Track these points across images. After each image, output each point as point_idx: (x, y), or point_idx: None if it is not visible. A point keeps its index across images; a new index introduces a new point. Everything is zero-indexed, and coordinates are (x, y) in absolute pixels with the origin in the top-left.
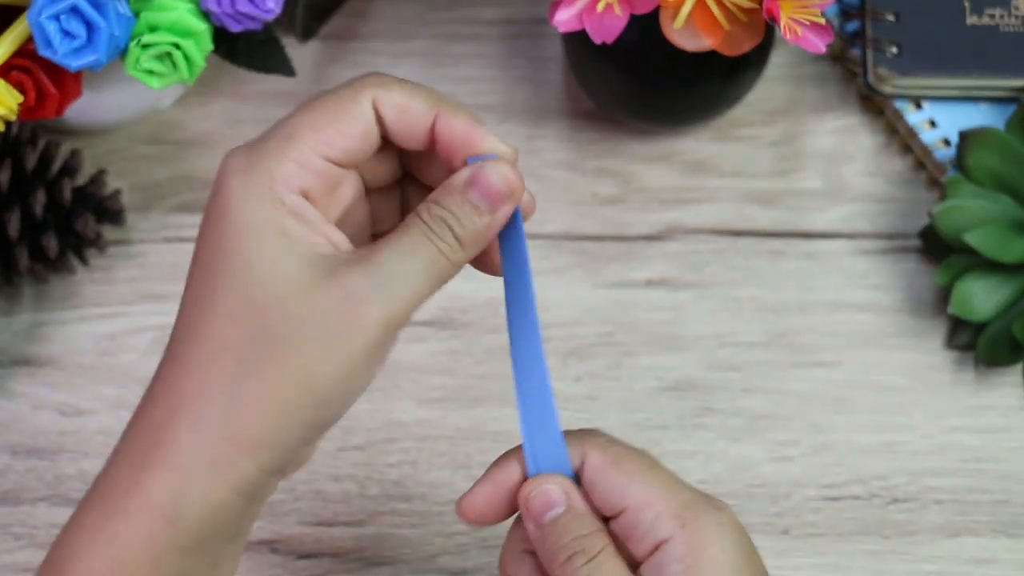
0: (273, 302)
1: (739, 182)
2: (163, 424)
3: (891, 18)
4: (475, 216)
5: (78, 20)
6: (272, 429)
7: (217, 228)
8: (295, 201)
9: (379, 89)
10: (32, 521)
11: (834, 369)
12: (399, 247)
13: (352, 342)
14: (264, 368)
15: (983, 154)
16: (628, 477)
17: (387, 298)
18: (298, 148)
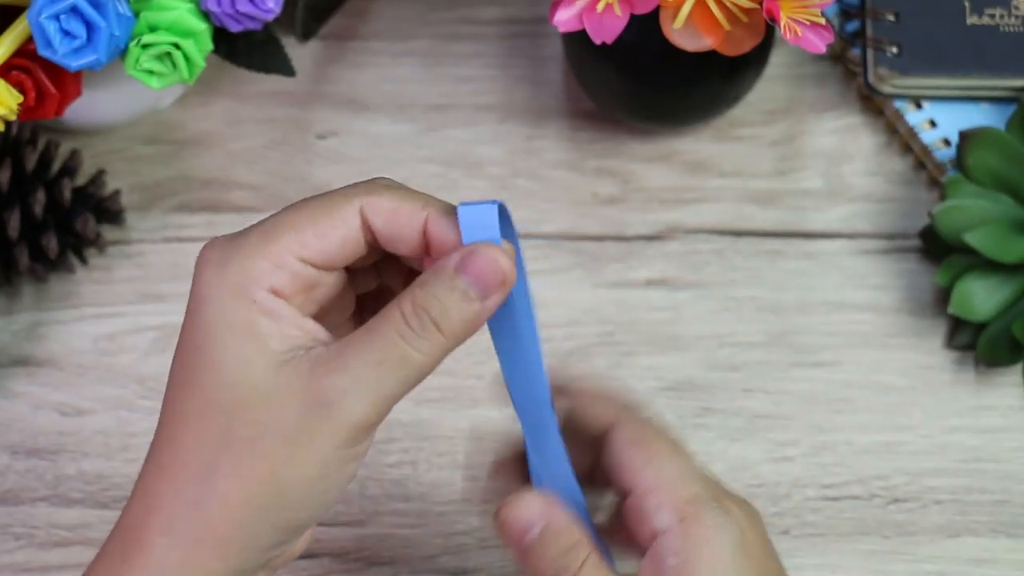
0: (239, 406)
1: (739, 182)
2: (139, 525)
3: (891, 18)
4: (463, 303)
5: (78, 20)
6: (240, 531)
7: (191, 325)
8: (266, 299)
9: (368, 196)
10: (32, 521)
11: (834, 369)
12: (371, 347)
13: (319, 446)
14: (231, 471)
15: (983, 154)
16: (644, 460)
17: (355, 402)
18: (274, 247)
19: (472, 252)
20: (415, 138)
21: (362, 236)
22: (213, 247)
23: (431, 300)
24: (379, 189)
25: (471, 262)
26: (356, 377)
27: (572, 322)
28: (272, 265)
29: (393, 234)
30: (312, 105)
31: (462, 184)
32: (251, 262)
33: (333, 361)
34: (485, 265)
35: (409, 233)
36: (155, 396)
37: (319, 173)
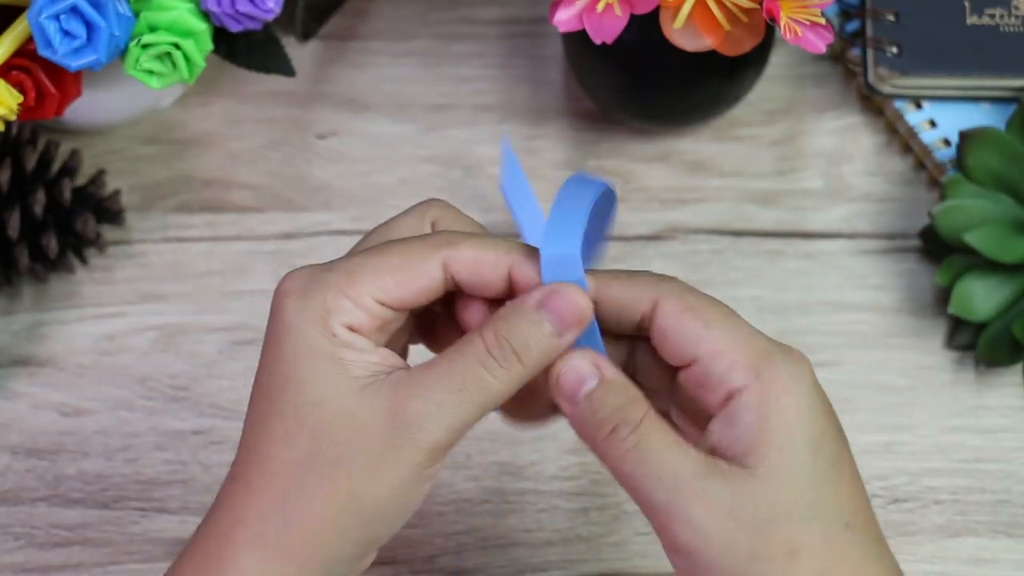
0: (325, 426)
1: (739, 182)
2: (226, 535)
3: (891, 18)
4: (542, 338)
5: (78, 20)
6: (325, 547)
7: (275, 351)
8: (346, 334)
9: (449, 249)
10: (32, 521)
11: (834, 369)
12: (452, 374)
13: (399, 466)
14: (316, 489)
15: (983, 154)
16: (704, 325)
17: (435, 426)
18: (356, 288)
19: (554, 291)
20: (415, 138)
21: (443, 285)
22: (295, 279)
23: (513, 332)
24: (459, 240)
25: (552, 300)
26: (439, 402)
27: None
28: (352, 304)
29: (477, 283)
30: (312, 105)
31: (462, 184)
32: (332, 297)
33: (415, 386)
34: (565, 304)
35: (493, 279)
36: (155, 396)
37: (319, 173)
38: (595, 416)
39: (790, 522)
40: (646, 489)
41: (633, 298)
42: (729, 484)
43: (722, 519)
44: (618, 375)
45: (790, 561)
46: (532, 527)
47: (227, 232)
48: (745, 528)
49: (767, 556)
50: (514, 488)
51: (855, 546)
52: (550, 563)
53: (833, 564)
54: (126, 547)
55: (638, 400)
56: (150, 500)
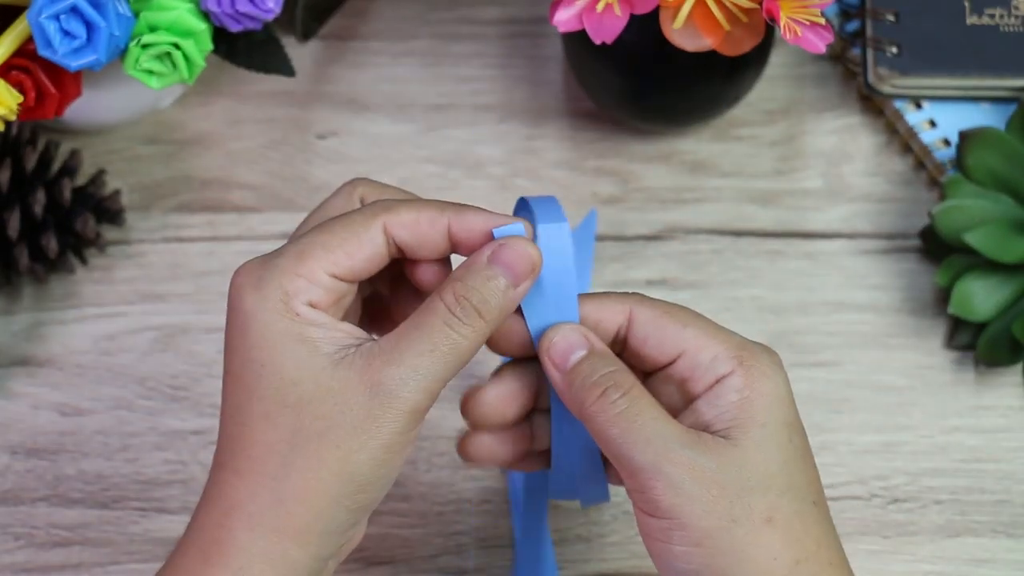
0: (305, 402)
1: (739, 182)
2: (220, 522)
3: (891, 18)
4: (499, 291)
5: (78, 20)
6: (319, 519)
7: (242, 342)
8: (307, 312)
9: (388, 214)
10: (32, 521)
11: (834, 369)
12: (421, 338)
13: (383, 431)
14: (304, 464)
15: (983, 154)
16: (682, 325)
17: (411, 389)
18: (308, 266)
19: (502, 245)
20: (415, 138)
21: (386, 251)
22: (246, 271)
23: (471, 290)
24: (396, 205)
25: (502, 254)
26: (412, 366)
27: None
28: (307, 282)
29: (418, 242)
30: (312, 105)
31: (462, 184)
32: (287, 280)
33: (387, 354)
34: (515, 256)
35: (434, 237)
36: (155, 396)
37: (319, 173)
38: (585, 380)
39: (768, 492)
40: (632, 451)
41: (609, 313)
42: (714, 454)
43: (707, 484)
44: (604, 347)
45: (767, 526)
46: None
47: (227, 232)
48: (728, 494)
49: (746, 520)
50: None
51: (819, 522)
52: None
53: (802, 534)
54: (126, 547)
55: (626, 370)
56: (150, 500)
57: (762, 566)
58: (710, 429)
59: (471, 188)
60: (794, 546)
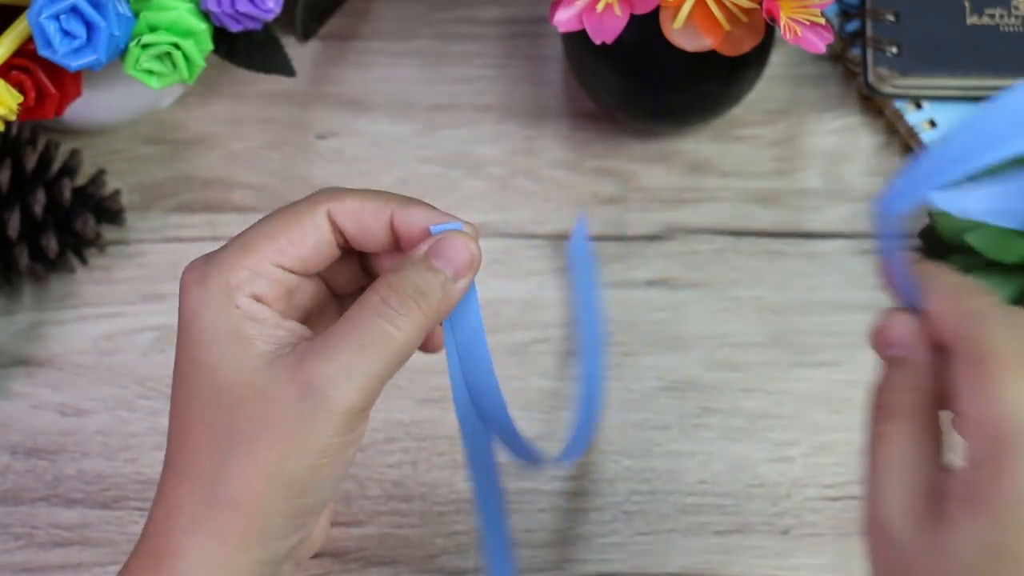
0: (238, 405)
1: (739, 182)
2: (163, 529)
3: (891, 18)
4: (436, 284)
5: (78, 20)
6: (256, 522)
7: (184, 340)
8: (249, 304)
9: (332, 201)
10: (32, 521)
11: (834, 369)
12: (353, 334)
13: (317, 433)
14: (239, 465)
15: None
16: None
17: (344, 387)
18: (252, 256)
19: (442, 239)
20: (415, 138)
21: (333, 239)
22: (192, 268)
23: (406, 282)
24: (341, 193)
25: (441, 247)
26: (343, 363)
27: (572, 322)
28: (251, 273)
29: (361, 232)
30: (312, 105)
31: (462, 184)
32: (231, 272)
33: (319, 351)
34: (454, 250)
35: (377, 228)
36: (155, 396)
37: (319, 173)
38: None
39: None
40: None
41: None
42: None
43: None
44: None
45: None
46: (532, 527)
47: (227, 232)
48: None
49: None
50: (514, 488)
51: None
52: (550, 563)
53: None
54: (126, 547)
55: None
56: (150, 500)
57: None
58: None
59: (471, 188)
60: None
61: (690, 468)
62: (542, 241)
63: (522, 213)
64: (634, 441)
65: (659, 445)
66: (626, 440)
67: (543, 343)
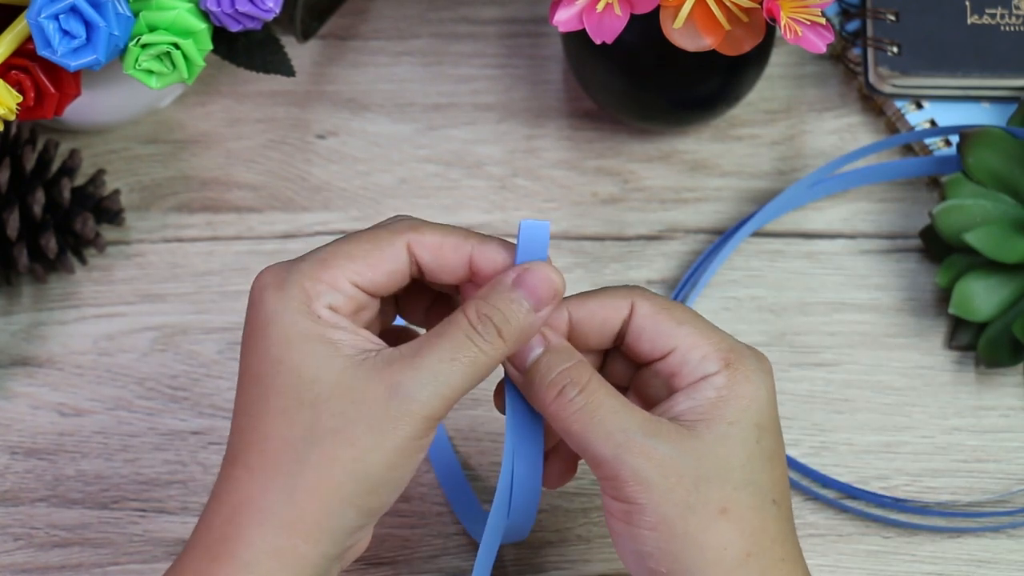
0: (323, 400)
1: (739, 182)
2: (230, 519)
3: (892, 17)
4: (520, 314)
5: (77, 20)
6: (330, 516)
7: (262, 340)
8: (329, 315)
9: (413, 233)
10: (31, 522)
11: (834, 369)
12: (442, 347)
13: (398, 432)
14: (319, 460)
15: (983, 153)
16: (678, 322)
17: (430, 395)
18: (331, 272)
19: (527, 269)
20: (415, 138)
21: (408, 269)
22: (269, 272)
23: (493, 310)
24: (423, 225)
25: (526, 278)
26: (433, 372)
27: None
28: (328, 287)
29: (440, 266)
30: (312, 105)
31: (462, 184)
32: (310, 283)
33: (409, 359)
34: (539, 281)
35: (455, 264)
36: (154, 396)
37: (318, 173)
38: (543, 379)
39: (725, 484)
40: (594, 445)
41: (612, 308)
42: (674, 442)
43: (665, 471)
44: (562, 342)
45: (721, 516)
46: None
47: (226, 232)
48: (685, 482)
49: (701, 509)
50: None
51: (777, 520)
52: (550, 563)
53: (757, 529)
54: (125, 547)
55: (583, 364)
56: (149, 500)
57: (713, 554)
58: (679, 420)
59: (471, 188)
60: (747, 539)
61: None
62: None
63: (522, 213)
64: None
65: None
66: None
67: None
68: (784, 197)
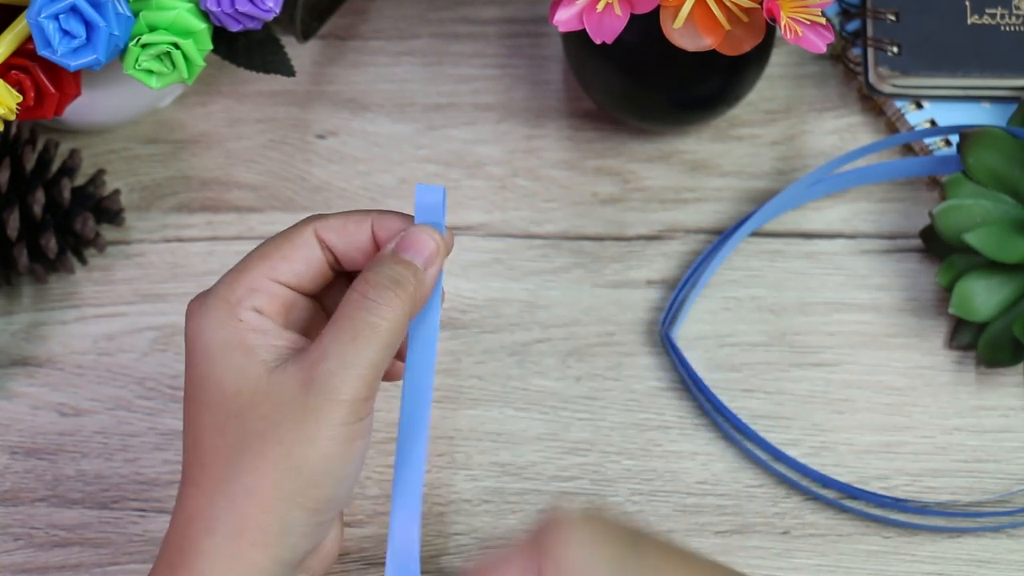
0: (246, 409)
1: (739, 182)
2: (184, 532)
3: (892, 17)
4: (408, 272)
5: (77, 19)
6: (274, 516)
7: (190, 357)
8: (251, 317)
9: (318, 221)
10: (31, 522)
11: (834, 369)
12: (341, 327)
13: (323, 424)
14: (251, 463)
15: (984, 153)
16: None
17: (342, 378)
18: (249, 275)
19: (404, 235)
20: (415, 138)
21: (323, 256)
22: (194, 298)
23: (381, 276)
24: (325, 215)
25: (407, 241)
26: (338, 356)
27: (572, 322)
28: (249, 289)
29: (347, 244)
30: (312, 105)
31: (462, 184)
32: (229, 291)
33: (315, 351)
34: (418, 240)
35: (360, 239)
36: (154, 396)
37: (318, 173)
38: None
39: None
40: None
41: None
42: None
43: None
44: None
45: None
46: None
47: (226, 232)
48: None
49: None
50: (514, 488)
51: None
52: None
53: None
54: (125, 547)
55: None
56: (149, 500)
57: None
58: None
59: (471, 188)
60: None
61: (690, 468)
62: (542, 241)
63: (522, 213)
64: (634, 441)
65: (659, 445)
66: (626, 440)
67: (543, 343)
68: (784, 197)
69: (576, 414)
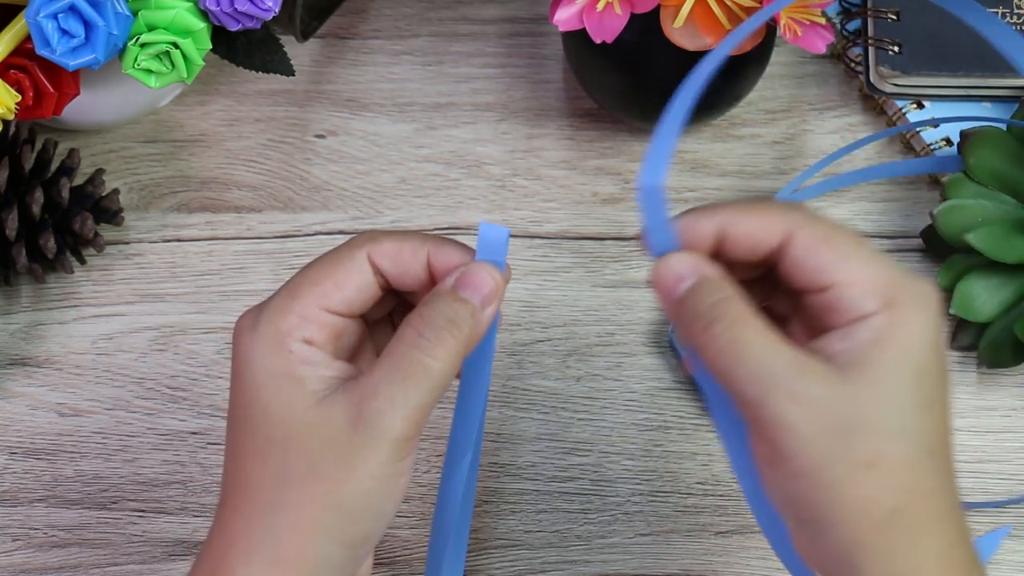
0: (292, 439)
1: (739, 182)
2: (221, 558)
3: (893, 17)
4: (465, 312)
5: (76, 19)
6: (311, 550)
7: (237, 383)
8: (301, 348)
9: (371, 244)
10: (30, 522)
11: None
12: (392, 366)
13: (367, 462)
14: (294, 496)
15: (984, 153)
16: (839, 255)
17: (391, 418)
18: (300, 303)
19: (465, 271)
20: (415, 137)
21: (374, 280)
22: (244, 316)
23: (437, 314)
24: (379, 236)
25: (467, 278)
26: (388, 395)
27: (572, 322)
28: (300, 319)
29: (400, 271)
30: (311, 104)
31: (462, 184)
32: (281, 319)
33: (365, 387)
34: (478, 279)
35: (415, 268)
36: (153, 396)
37: (318, 172)
38: (692, 312)
39: (875, 433)
40: (740, 383)
41: (766, 233)
42: (822, 386)
43: (811, 417)
44: (715, 272)
45: (867, 470)
46: (532, 527)
47: (225, 232)
48: (830, 430)
49: (846, 460)
50: (514, 488)
51: (933, 473)
52: (550, 563)
53: (907, 483)
54: (124, 548)
55: (733, 298)
56: (148, 501)
57: (856, 507)
58: (832, 361)
59: (471, 188)
60: (894, 493)
61: (690, 469)
62: (542, 241)
63: (522, 213)
64: (634, 441)
65: (659, 445)
66: (626, 440)
67: (543, 343)
68: (782, 196)
69: (576, 414)
